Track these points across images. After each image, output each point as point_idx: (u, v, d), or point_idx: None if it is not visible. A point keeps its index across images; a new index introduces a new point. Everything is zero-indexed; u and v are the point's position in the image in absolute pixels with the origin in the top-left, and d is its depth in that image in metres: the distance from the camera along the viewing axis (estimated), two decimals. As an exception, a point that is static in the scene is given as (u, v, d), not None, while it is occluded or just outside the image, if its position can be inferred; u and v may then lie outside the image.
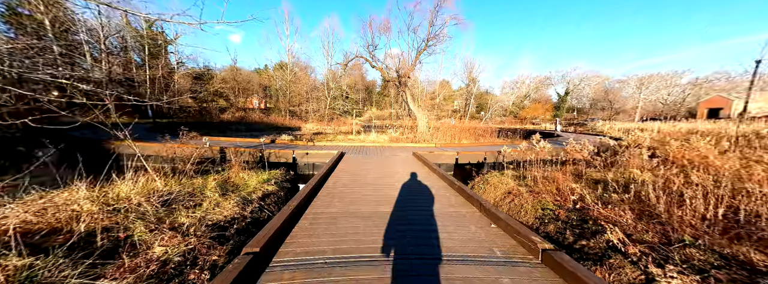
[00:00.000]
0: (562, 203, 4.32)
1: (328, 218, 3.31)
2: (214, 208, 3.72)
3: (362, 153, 9.12)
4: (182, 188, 4.08)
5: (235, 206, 3.95)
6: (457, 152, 8.49)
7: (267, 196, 4.76)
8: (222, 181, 4.99)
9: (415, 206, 3.84)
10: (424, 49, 16.44)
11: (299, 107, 31.62)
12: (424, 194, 4.45)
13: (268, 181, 5.39)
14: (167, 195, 3.73)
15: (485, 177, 6.50)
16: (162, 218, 3.14)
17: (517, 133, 15.93)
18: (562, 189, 4.59)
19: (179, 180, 4.42)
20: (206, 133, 16.20)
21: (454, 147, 10.83)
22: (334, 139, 15.13)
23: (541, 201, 4.55)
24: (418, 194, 4.45)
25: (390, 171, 6.33)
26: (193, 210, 3.54)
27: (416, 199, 4.15)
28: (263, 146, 9.46)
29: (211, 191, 4.16)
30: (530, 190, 5.04)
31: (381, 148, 10.57)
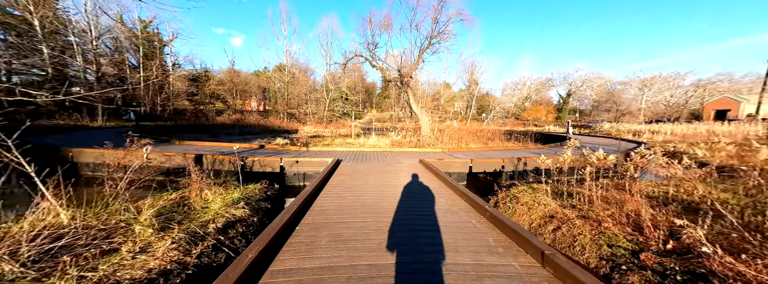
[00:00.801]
0: (641, 239, 3.04)
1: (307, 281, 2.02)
2: (135, 256, 2.43)
3: (361, 160, 7.85)
4: (100, 219, 2.79)
5: (175, 248, 2.66)
6: (471, 159, 7.21)
7: (232, 225, 3.47)
8: (174, 204, 3.70)
9: (433, 250, 2.54)
10: (428, 47, 15.23)
11: (298, 109, 30.41)
12: (445, 225, 3.16)
13: (239, 202, 4.09)
14: (71, 236, 2.44)
15: (511, 193, 5.22)
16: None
17: (529, 136, 14.67)
18: (638, 217, 3.30)
19: (103, 206, 3.12)
20: (195, 137, 14.93)
21: (464, 152, 9.57)
22: (332, 143, 13.87)
23: (604, 233, 3.27)
24: (434, 226, 3.15)
25: (394, 185, 5.06)
26: (97, 261, 2.25)
27: (433, 237, 2.85)
28: (243, 153, 8.20)
29: (143, 223, 2.87)
30: (582, 215, 3.76)
31: (382, 153, 9.30)
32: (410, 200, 4.19)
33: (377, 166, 6.91)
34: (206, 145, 9.78)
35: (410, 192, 4.59)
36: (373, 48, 15.73)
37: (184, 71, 31.55)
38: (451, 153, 9.32)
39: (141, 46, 26.55)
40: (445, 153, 9.38)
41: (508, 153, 9.12)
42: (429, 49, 15.40)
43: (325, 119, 27.76)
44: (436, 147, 11.49)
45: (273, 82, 32.09)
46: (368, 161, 7.76)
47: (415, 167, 6.88)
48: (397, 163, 7.38)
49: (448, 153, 9.34)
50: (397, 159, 8.00)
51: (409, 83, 15.45)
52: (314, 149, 9.58)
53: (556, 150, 9.92)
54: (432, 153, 9.44)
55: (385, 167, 6.81)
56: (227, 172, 6.80)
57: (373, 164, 7.12)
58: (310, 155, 8.24)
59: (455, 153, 9.33)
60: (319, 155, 8.33)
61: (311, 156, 8.02)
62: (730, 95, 30.94)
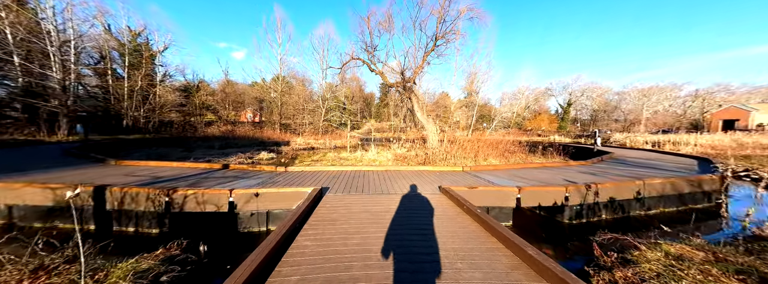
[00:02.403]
0: None
1: None
2: None
3: (356, 185, 5.28)
4: None
5: None
6: (517, 187, 4.67)
7: None
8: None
9: None
10: (433, 49, 13.06)
11: (293, 119, 27.96)
12: None
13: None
14: None
15: (646, 262, 2.64)
16: None
17: (556, 148, 12.21)
18: None
19: None
20: (161, 153, 12.26)
21: (491, 172, 7.04)
22: (323, 158, 11.30)
23: None
24: None
25: (412, 242, 2.52)
26: None
27: None
28: (186, 180, 5.61)
29: None
30: None
31: (384, 174, 6.74)
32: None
33: (379, 201, 4.33)
34: (152, 165, 7.15)
35: (448, 262, 2.02)
36: (372, 50, 13.53)
37: (174, 82, 29.24)
38: (476, 174, 6.78)
39: (127, 56, 24.32)
40: (467, 174, 6.83)
41: (553, 173, 6.61)
42: (434, 52, 13.23)
43: (321, 130, 25.27)
44: (450, 163, 8.96)
45: (268, 92, 29.82)
46: (366, 186, 5.19)
47: (434, 199, 4.32)
48: (406, 191, 4.82)
49: (472, 174, 6.79)
50: (406, 184, 5.45)
51: (412, 89, 13.14)
52: (294, 169, 6.99)
53: (603, 167, 7.45)
54: (449, 173, 6.89)
55: (391, 200, 4.24)
56: (143, 215, 4.18)
57: (372, 198, 4.53)
58: (284, 182, 5.64)
59: (481, 174, 6.80)
60: (297, 180, 5.74)
61: (284, 183, 5.43)
62: (737, 105, 29.18)
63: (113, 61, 24.94)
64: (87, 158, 7.84)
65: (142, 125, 24.19)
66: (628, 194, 5.01)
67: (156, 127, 25.55)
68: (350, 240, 2.74)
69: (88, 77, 25.54)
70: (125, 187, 4.20)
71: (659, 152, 13.38)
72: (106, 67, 23.74)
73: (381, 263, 2.27)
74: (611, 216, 4.94)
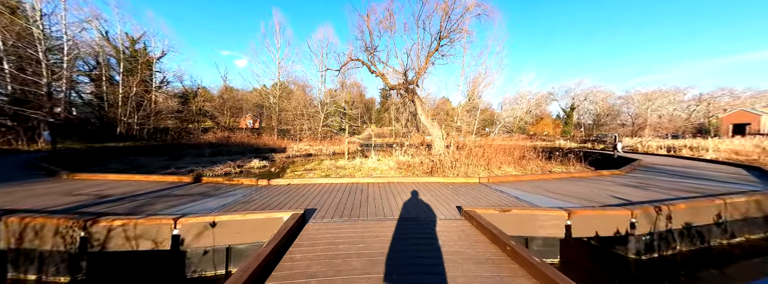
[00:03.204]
0: None
1: None
2: None
3: (350, 207, 4.05)
4: None
5: None
6: (566, 211, 3.42)
7: None
8: None
9: None
10: (437, 49, 12.02)
11: (292, 125, 26.83)
12: None
13: None
14: None
15: None
16: None
17: (575, 155, 10.93)
18: None
19: None
20: (141, 162, 11.02)
21: (514, 184, 5.80)
22: (318, 167, 10.07)
23: None
24: None
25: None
26: None
27: None
28: (146, 196, 4.41)
29: None
30: None
31: (387, 187, 5.51)
32: None
33: (379, 230, 3.09)
34: (111, 179, 5.93)
35: None
36: (372, 51, 12.49)
37: (171, 88, 28.31)
38: (496, 187, 5.54)
39: (122, 62, 23.47)
40: (485, 186, 5.59)
41: (590, 186, 5.36)
42: (438, 52, 12.18)
43: (320, 136, 24.11)
44: (461, 173, 7.72)
45: (266, 98, 28.84)
46: (363, 206, 3.96)
47: (454, 227, 3.08)
48: (415, 214, 3.58)
49: (491, 186, 5.55)
50: (414, 201, 4.22)
51: (415, 91, 12.02)
52: (280, 182, 5.75)
53: (643, 179, 6.20)
54: (463, 186, 5.65)
55: (395, 230, 3.00)
56: (50, 255, 2.94)
57: (369, 227, 3.28)
58: (262, 201, 4.41)
59: (501, 187, 5.56)
60: (279, 199, 4.50)
61: (259, 204, 4.20)
62: (746, 109, 27.97)
63: (108, 67, 24.08)
64: (41, 170, 6.64)
65: (135, 132, 23.10)
66: (707, 217, 3.76)
67: (151, 134, 24.46)
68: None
69: (83, 83, 24.71)
70: (27, 216, 2.97)
71: (684, 158, 12.12)
72: (100, 74, 22.83)
73: None
74: (688, 247, 3.67)
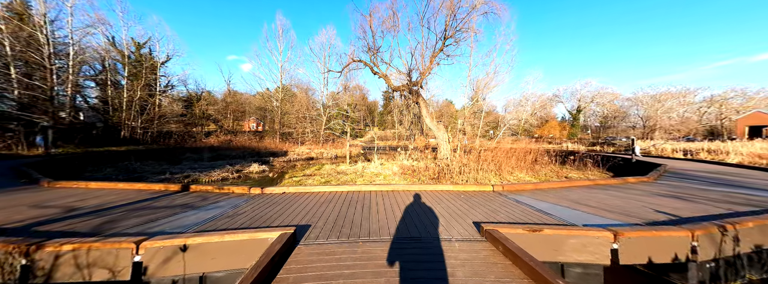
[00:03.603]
0: None
1: None
2: None
3: (349, 222, 3.47)
4: None
5: None
6: (611, 231, 2.78)
7: None
8: None
9: None
10: (442, 49, 11.49)
11: (295, 128, 26.45)
12: None
13: None
14: None
15: None
16: None
17: (594, 159, 10.18)
18: None
19: None
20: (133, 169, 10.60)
21: (535, 194, 5.17)
22: (317, 172, 9.51)
23: None
24: None
25: None
26: None
27: None
28: (120, 208, 3.89)
29: None
30: None
31: (391, 196, 4.93)
32: None
33: (385, 252, 2.50)
34: (92, 187, 5.45)
35: None
36: (374, 52, 12.01)
37: (175, 92, 28.22)
38: (513, 196, 4.91)
39: (126, 67, 23.44)
40: (501, 195, 4.96)
41: (621, 196, 4.70)
42: (443, 52, 11.65)
43: (323, 139, 23.64)
44: (470, 178, 7.09)
45: (269, 101, 28.57)
46: (365, 221, 3.37)
47: (473, 251, 2.47)
48: (424, 233, 2.99)
49: (508, 196, 4.92)
50: (422, 214, 3.63)
51: (420, 92, 11.47)
52: (274, 190, 5.20)
53: (679, 187, 5.51)
54: (476, 194, 5.03)
55: (401, 255, 2.41)
56: (-20, 286, 2.39)
57: (371, 250, 2.70)
58: (251, 214, 3.86)
59: (520, 196, 4.93)
60: (270, 211, 3.94)
61: (247, 218, 3.64)
62: (763, 110, 26.81)
63: (115, 72, 24.08)
64: (22, 178, 6.19)
65: (139, 135, 22.91)
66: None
67: (154, 137, 24.26)
68: None
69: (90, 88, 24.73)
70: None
71: (708, 162, 11.30)
72: (105, 78, 22.80)
73: None
74: (759, 274, 2.99)
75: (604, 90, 38.18)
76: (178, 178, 8.84)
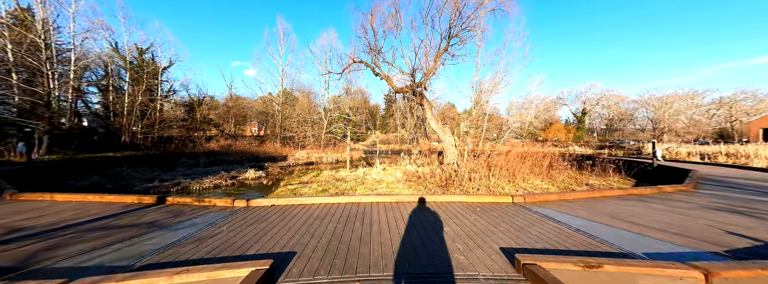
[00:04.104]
0: None
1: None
2: None
3: (346, 248, 2.75)
4: None
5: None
6: (700, 270, 2.03)
7: None
8: None
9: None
10: (446, 48, 10.86)
11: (296, 132, 25.89)
12: None
13: None
14: None
15: None
16: None
17: (616, 164, 9.31)
18: None
19: None
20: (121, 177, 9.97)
21: (554, 203, 4.41)
22: (317, 178, 8.80)
23: None
24: None
25: None
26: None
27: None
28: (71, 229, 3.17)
29: None
30: None
31: (395, 210, 4.20)
32: None
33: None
34: (58, 199, 4.79)
35: None
36: (376, 52, 11.42)
37: (178, 97, 27.91)
38: (541, 210, 4.15)
39: (128, 72, 23.19)
40: (523, 208, 4.21)
41: (665, 210, 3.93)
42: (447, 52, 11.02)
43: (323, 143, 23.01)
44: (482, 186, 6.33)
45: (271, 105, 28.12)
46: (364, 246, 2.63)
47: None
48: (440, 261, 2.26)
49: (534, 209, 4.16)
50: (434, 236, 2.89)
51: (424, 94, 10.81)
52: (261, 203, 4.50)
53: (728, 199, 4.71)
54: (493, 207, 4.29)
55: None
56: None
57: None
58: (230, 233, 3.14)
59: (548, 210, 4.17)
60: (253, 231, 3.22)
61: (223, 241, 2.92)
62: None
63: (115, 77, 23.84)
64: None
65: (139, 141, 22.47)
66: None
67: (155, 143, 23.81)
68: None
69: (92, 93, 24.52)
70: None
71: (734, 166, 10.43)
72: (107, 83, 22.53)
73: None
74: None
75: (609, 92, 37.30)
76: (166, 186, 8.19)
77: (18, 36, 15.01)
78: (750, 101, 36.70)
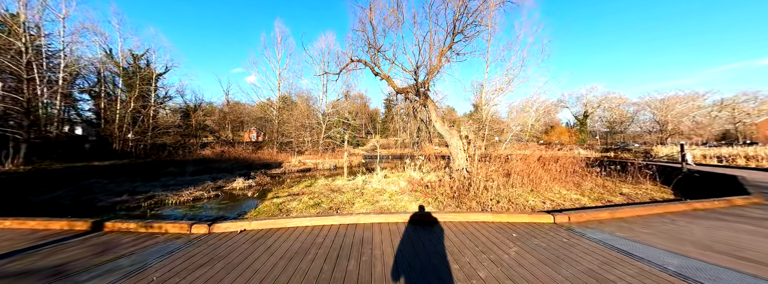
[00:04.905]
0: None
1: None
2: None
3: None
4: None
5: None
6: None
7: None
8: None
9: None
10: (449, 46, 9.95)
11: (296, 138, 24.83)
12: None
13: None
14: None
15: None
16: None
17: (650, 169, 8.22)
18: None
19: None
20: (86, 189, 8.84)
21: (607, 223, 3.33)
22: (309, 188, 7.68)
23: None
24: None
25: None
26: None
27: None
28: None
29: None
30: None
31: (401, 233, 3.12)
32: None
33: None
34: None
35: None
36: (376, 50, 10.50)
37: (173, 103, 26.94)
38: (599, 236, 3.07)
39: (121, 78, 22.30)
40: (579, 234, 3.12)
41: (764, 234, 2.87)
42: (452, 50, 10.10)
43: (321, 148, 21.92)
44: (500, 198, 5.24)
45: (268, 110, 27.16)
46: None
47: None
48: None
49: (592, 236, 3.08)
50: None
51: (427, 94, 9.83)
52: (228, 227, 3.41)
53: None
54: (531, 229, 3.22)
55: None
56: None
57: None
58: None
59: (607, 236, 3.08)
60: (192, 281, 2.13)
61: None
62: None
63: (111, 84, 22.93)
64: None
65: (130, 148, 21.35)
66: None
67: (148, 150, 22.68)
68: None
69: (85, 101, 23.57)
70: None
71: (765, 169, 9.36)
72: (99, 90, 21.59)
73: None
74: None
75: (611, 95, 36.54)
76: (138, 200, 7.08)
77: (7, 44, 14.07)
78: (752, 102, 36.02)
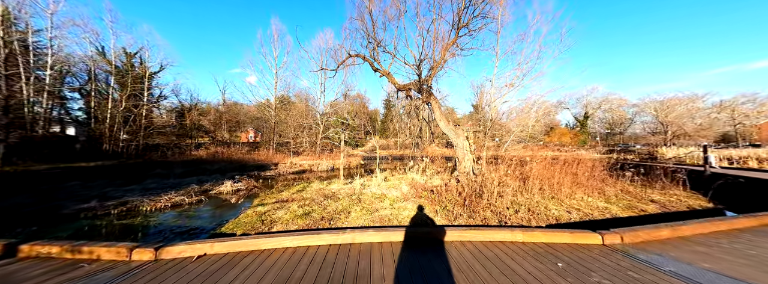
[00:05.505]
0: None
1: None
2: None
3: None
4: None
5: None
6: None
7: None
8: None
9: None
10: (454, 41, 9.19)
11: (293, 138, 23.98)
12: None
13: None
14: None
15: None
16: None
17: (679, 173, 7.42)
18: None
19: None
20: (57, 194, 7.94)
21: (673, 244, 2.54)
22: (301, 193, 6.82)
23: None
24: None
25: None
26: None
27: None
28: None
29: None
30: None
31: (407, 259, 2.28)
32: None
33: None
34: None
35: None
36: (375, 45, 9.72)
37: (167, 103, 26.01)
38: (665, 263, 2.26)
39: (113, 77, 21.40)
40: (641, 261, 2.32)
41: None
42: (456, 45, 9.34)
43: (319, 149, 21.08)
44: (518, 207, 4.43)
45: (265, 110, 26.29)
46: None
47: None
48: None
49: (655, 261, 2.27)
50: None
51: (430, 91, 9.04)
52: (183, 251, 2.57)
53: None
54: (576, 250, 2.41)
55: None
56: None
57: None
58: None
59: (683, 265, 2.27)
60: None
61: None
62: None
63: (102, 82, 22.00)
64: None
65: (121, 149, 20.40)
66: None
67: (140, 151, 21.73)
68: None
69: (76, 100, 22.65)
70: None
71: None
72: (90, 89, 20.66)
73: None
74: None
75: (611, 96, 36.00)
76: (108, 207, 6.21)
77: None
78: (750, 104, 35.60)
